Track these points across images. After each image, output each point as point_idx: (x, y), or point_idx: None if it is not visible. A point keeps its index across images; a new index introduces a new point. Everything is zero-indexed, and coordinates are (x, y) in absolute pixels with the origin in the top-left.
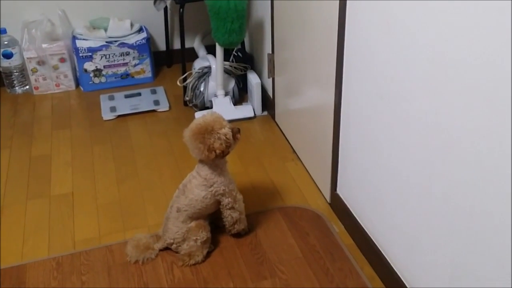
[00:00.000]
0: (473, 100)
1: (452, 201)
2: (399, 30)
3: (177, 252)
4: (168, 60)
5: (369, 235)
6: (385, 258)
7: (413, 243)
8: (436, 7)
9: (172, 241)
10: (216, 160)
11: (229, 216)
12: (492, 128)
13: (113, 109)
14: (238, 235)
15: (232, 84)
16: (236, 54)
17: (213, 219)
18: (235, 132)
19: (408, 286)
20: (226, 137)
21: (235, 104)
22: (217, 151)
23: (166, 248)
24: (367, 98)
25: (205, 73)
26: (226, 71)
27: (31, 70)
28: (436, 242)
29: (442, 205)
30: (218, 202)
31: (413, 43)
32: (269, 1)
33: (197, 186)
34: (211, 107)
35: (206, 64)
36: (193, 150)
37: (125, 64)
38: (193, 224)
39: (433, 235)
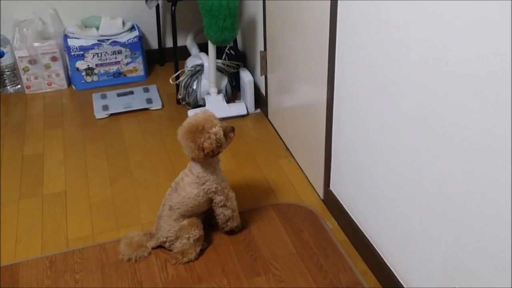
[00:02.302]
0: (465, 95)
1: (444, 196)
2: (391, 26)
3: (170, 250)
4: (161, 59)
5: (362, 231)
6: (378, 253)
7: (406, 238)
8: (427, 3)
9: (165, 239)
10: (207, 158)
11: (221, 214)
12: (485, 123)
13: (105, 107)
14: (232, 232)
15: (224, 82)
16: (228, 52)
17: (206, 216)
18: (228, 131)
19: (401, 281)
20: (216, 137)
21: (228, 101)
22: (206, 151)
23: (160, 246)
24: (359, 94)
25: (198, 71)
26: (219, 69)
27: (23, 69)
28: (429, 236)
29: (435, 200)
30: (211, 200)
31: (405, 39)
32: None
33: (190, 184)
34: (204, 105)
35: (198, 62)
36: (185, 149)
37: (117, 62)
38: (185, 222)
39: (426, 230)
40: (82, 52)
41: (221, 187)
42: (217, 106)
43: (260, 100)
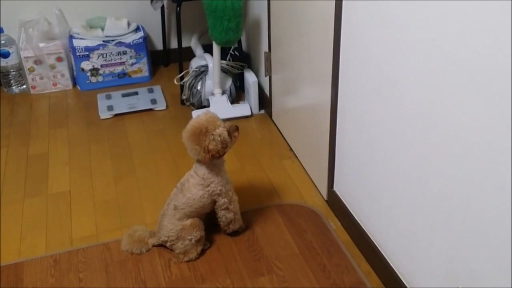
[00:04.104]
0: (469, 94)
1: (448, 196)
2: (395, 26)
3: (171, 250)
4: (165, 59)
5: (366, 231)
6: (382, 254)
7: (409, 239)
8: (431, 2)
9: (166, 238)
10: (213, 160)
11: (223, 216)
12: (488, 123)
13: (110, 108)
14: (235, 232)
15: (229, 82)
16: (233, 52)
17: (209, 216)
18: (233, 130)
19: (404, 281)
20: (221, 137)
21: (232, 102)
22: (212, 153)
23: (162, 245)
24: (363, 94)
25: (202, 71)
26: (223, 70)
27: (28, 69)
28: (432, 237)
29: (438, 200)
30: (215, 202)
31: (409, 39)
32: (266, 0)
33: (195, 185)
34: (208, 106)
35: (203, 63)
36: (190, 151)
37: (122, 63)
38: (188, 222)
39: (429, 230)
40: (87, 53)
41: (225, 189)
42: (221, 107)
43: (264, 101)
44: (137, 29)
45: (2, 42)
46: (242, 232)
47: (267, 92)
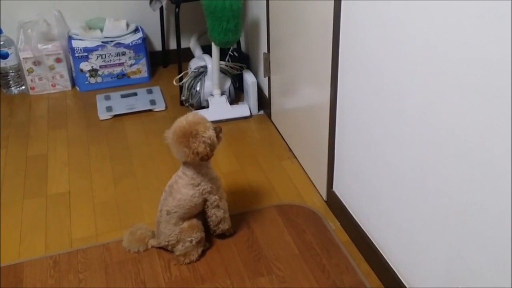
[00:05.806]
0: (468, 95)
1: (447, 197)
2: (394, 27)
3: (172, 252)
4: (164, 60)
5: (365, 231)
6: (381, 254)
7: (409, 239)
8: (429, 4)
9: (166, 243)
10: (201, 162)
11: (213, 215)
12: (487, 123)
13: (109, 108)
14: (223, 236)
15: (228, 83)
16: (232, 53)
17: (206, 218)
18: (218, 132)
19: (404, 282)
20: (210, 140)
21: (231, 103)
22: (201, 155)
23: (161, 247)
24: (362, 95)
25: (201, 72)
26: (222, 71)
27: (27, 70)
28: (432, 237)
29: (437, 200)
30: (206, 201)
31: (407, 40)
32: (265, 1)
33: (184, 186)
34: (207, 107)
35: (202, 63)
36: (177, 153)
37: (121, 64)
38: (185, 225)
39: (429, 231)
40: (86, 54)
41: (216, 186)
42: (220, 108)
43: (263, 102)
44: (136, 30)
45: (1, 43)
46: (229, 236)
47: (266, 93)
